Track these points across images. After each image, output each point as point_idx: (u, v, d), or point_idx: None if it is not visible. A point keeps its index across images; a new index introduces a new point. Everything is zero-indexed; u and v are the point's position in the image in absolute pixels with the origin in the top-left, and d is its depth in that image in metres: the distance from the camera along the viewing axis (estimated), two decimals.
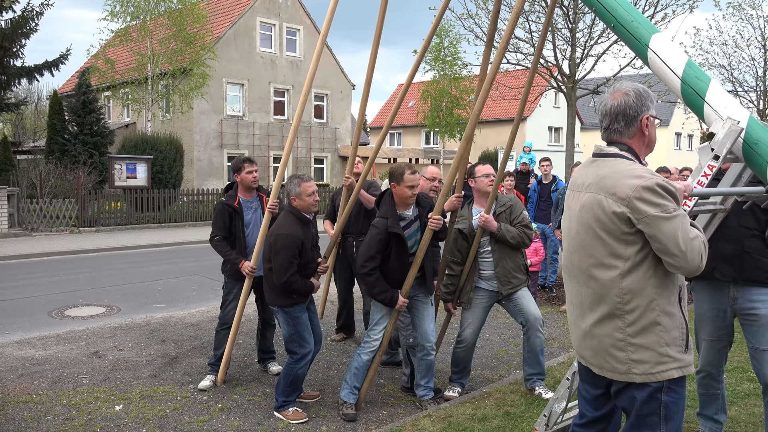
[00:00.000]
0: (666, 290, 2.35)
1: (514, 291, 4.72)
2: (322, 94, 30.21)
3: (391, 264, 4.35)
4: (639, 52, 3.28)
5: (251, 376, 5.29)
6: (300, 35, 29.12)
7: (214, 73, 23.80)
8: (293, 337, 4.36)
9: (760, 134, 2.90)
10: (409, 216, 4.45)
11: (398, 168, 4.36)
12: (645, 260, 2.33)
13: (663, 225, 2.24)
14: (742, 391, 4.67)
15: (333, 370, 5.48)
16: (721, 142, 2.97)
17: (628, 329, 2.36)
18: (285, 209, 4.47)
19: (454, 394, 4.82)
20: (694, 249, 2.24)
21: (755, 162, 2.92)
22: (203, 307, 7.99)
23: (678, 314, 2.38)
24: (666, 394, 2.38)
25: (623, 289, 2.35)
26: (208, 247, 5.79)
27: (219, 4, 29.49)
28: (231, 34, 26.57)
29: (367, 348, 4.51)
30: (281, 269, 4.19)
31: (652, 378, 2.36)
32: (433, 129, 28.36)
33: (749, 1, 19.84)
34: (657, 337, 2.33)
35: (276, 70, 28.32)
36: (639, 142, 2.48)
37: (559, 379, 5.04)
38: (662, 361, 2.34)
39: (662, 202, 2.25)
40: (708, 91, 3.04)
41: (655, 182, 2.26)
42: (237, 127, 27.09)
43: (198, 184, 25.03)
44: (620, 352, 2.38)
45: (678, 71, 3.11)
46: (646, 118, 2.44)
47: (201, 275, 10.50)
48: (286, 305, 4.34)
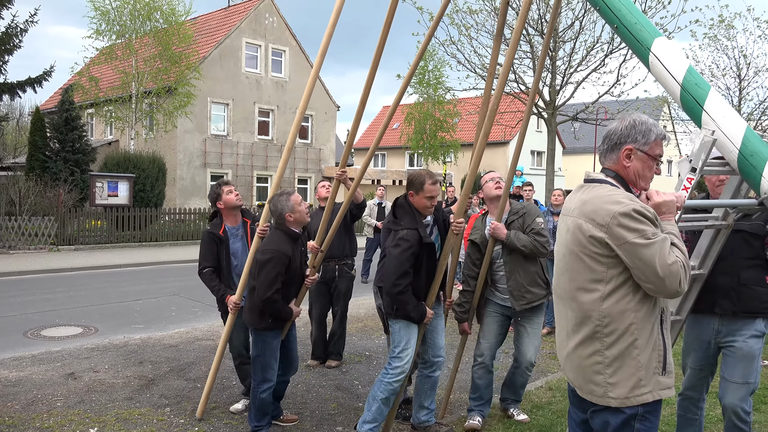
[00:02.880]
0: (646, 314, 2.36)
1: (529, 307, 4.42)
2: (307, 114, 30.33)
3: (421, 277, 4.08)
4: (640, 55, 3.24)
5: (229, 399, 5.24)
6: (285, 56, 29.32)
7: (199, 93, 23.84)
8: (259, 359, 4.28)
9: (756, 146, 2.86)
10: (429, 222, 4.25)
11: (418, 176, 4.09)
12: (624, 284, 2.34)
13: (640, 251, 2.25)
14: (715, 416, 4.73)
15: (312, 393, 5.45)
16: (696, 154, 2.99)
17: (607, 352, 2.37)
18: (272, 227, 4.41)
19: (475, 423, 4.49)
20: (673, 274, 2.23)
21: (750, 174, 2.88)
22: (182, 328, 7.92)
23: (658, 337, 2.39)
24: (640, 422, 2.39)
25: (602, 312, 2.37)
26: (189, 267, 5.75)
27: (205, 24, 29.65)
28: (217, 54, 26.68)
29: (397, 375, 4.08)
30: (265, 284, 4.07)
31: (628, 402, 2.37)
32: (416, 151, 28.54)
33: (724, 33, 20.40)
34: (635, 361, 2.35)
35: (261, 90, 28.44)
36: (624, 171, 2.48)
37: (537, 403, 5.08)
38: (639, 384, 2.35)
39: (640, 227, 2.26)
40: (707, 100, 2.99)
41: (632, 208, 2.28)
42: (221, 146, 27.08)
43: (180, 203, 24.91)
44: (598, 375, 2.40)
45: (678, 77, 3.06)
46: (628, 148, 2.45)
47: (181, 295, 10.41)
48: (259, 327, 4.24)
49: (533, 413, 4.83)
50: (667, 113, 33.48)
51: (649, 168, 2.47)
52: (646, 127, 2.46)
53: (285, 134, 29.42)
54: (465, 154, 30.13)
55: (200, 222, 20.39)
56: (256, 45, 28.27)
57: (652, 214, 2.30)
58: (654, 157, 2.46)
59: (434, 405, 4.44)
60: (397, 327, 4.16)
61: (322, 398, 5.33)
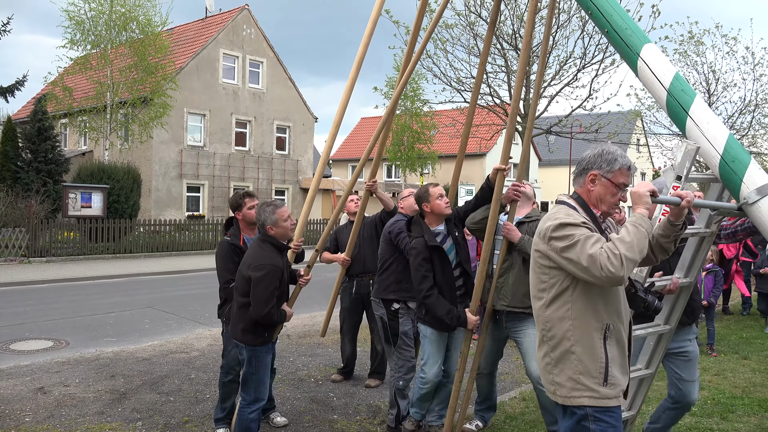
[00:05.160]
0: (584, 323, 2.56)
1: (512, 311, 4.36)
2: (285, 126, 30.32)
3: (437, 283, 4.27)
4: (629, 60, 3.30)
5: (203, 413, 5.19)
6: (263, 68, 29.29)
7: (175, 103, 23.67)
8: (253, 378, 4.12)
9: (738, 153, 2.94)
10: (442, 231, 4.44)
11: (420, 189, 4.48)
12: (564, 293, 2.58)
13: (567, 253, 2.50)
14: (684, 425, 4.82)
15: (286, 406, 5.41)
16: (680, 163, 3.08)
17: (552, 354, 2.63)
18: (258, 239, 4.21)
19: (471, 428, 4.69)
20: (596, 260, 2.39)
21: (730, 180, 2.96)
22: (156, 341, 7.83)
23: (599, 349, 2.55)
24: (594, 423, 2.55)
25: (546, 318, 2.65)
26: (164, 279, 5.70)
27: (182, 35, 29.52)
28: (194, 64, 26.55)
29: (423, 385, 4.47)
30: (262, 301, 3.93)
31: (569, 402, 2.58)
32: (394, 162, 28.69)
33: (694, 49, 20.92)
34: (572, 365, 2.57)
35: (238, 101, 28.35)
36: (587, 194, 2.72)
37: (510, 414, 5.12)
38: (577, 388, 2.56)
39: (567, 233, 2.51)
40: (692, 106, 3.07)
41: (560, 222, 2.55)
42: (197, 157, 26.88)
43: (156, 214, 24.63)
44: (549, 374, 2.66)
45: (665, 83, 3.14)
46: (593, 174, 2.68)
47: (155, 308, 10.30)
48: (255, 343, 4.09)
49: (507, 423, 4.88)
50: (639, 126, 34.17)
51: (612, 194, 2.68)
52: (612, 156, 2.68)
53: (262, 145, 29.33)
54: (443, 166, 30.36)
55: (176, 233, 20.19)
56: (233, 56, 28.21)
57: (576, 221, 2.53)
58: (617, 185, 2.67)
59: (445, 411, 4.60)
60: (426, 338, 4.46)
61: (297, 411, 5.31)
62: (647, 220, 2.52)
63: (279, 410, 5.23)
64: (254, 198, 4.73)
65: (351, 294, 5.94)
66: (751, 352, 7.17)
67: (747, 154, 3.02)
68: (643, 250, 2.47)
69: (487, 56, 4.54)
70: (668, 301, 3.72)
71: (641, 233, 2.46)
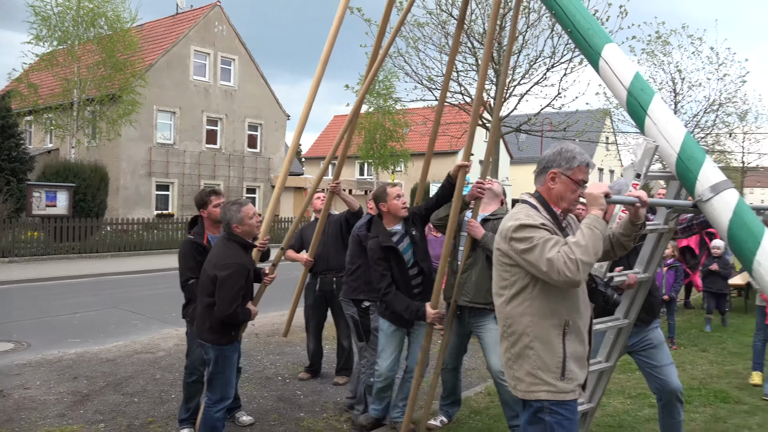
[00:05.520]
0: (543, 321, 2.61)
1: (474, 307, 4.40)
2: (256, 123, 30.09)
3: (395, 281, 4.37)
4: (591, 59, 3.36)
5: (168, 413, 5.14)
6: (235, 65, 29.03)
7: (145, 101, 23.31)
8: (220, 377, 4.09)
9: (693, 151, 3.02)
10: (399, 230, 4.49)
11: (378, 188, 4.53)
12: (523, 290, 2.63)
13: (527, 255, 2.56)
14: (642, 416, 4.94)
15: (252, 405, 5.39)
16: (640, 161, 3.16)
17: (512, 349, 2.70)
18: (223, 238, 4.17)
19: (436, 423, 4.72)
20: (554, 265, 2.47)
21: (686, 177, 3.03)
22: (121, 341, 7.72)
23: (557, 345, 2.61)
24: (549, 415, 2.62)
25: (506, 314, 2.69)
26: (131, 279, 5.61)
27: (152, 31, 29.06)
28: (164, 61, 26.19)
29: (379, 377, 4.54)
30: (228, 301, 3.91)
31: (528, 396, 2.65)
32: (366, 160, 28.67)
33: (661, 49, 21.33)
34: (531, 360, 2.63)
35: (209, 98, 28.05)
36: (548, 192, 2.77)
37: (476, 408, 5.18)
38: (535, 382, 2.62)
39: (527, 236, 2.57)
40: (651, 105, 3.14)
41: (520, 223, 2.60)
42: (167, 155, 26.53)
43: (124, 213, 24.24)
44: (510, 369, 2.73)
45: (625, 82, 3.20)
46: (553, 172, 2.74)
47: (121, 308, 10.14)
48: (221, 342, 4.05)
49: (471, 418, 4.93)
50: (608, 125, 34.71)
51: (572, 191, 2.74)
52: (571, 154, 2.75)
53: (234, 143, 29.07)
54: (415, 164, 30.43)
55: (144, 232, 19.90)
56: (204, 53, 27.89)
57: (536, 223, 2.58)
58: (576, 182, 2.73)
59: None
60: (382, 332, 4.55)
61: (263, 410, 5.29)
62: (601, 222, 2.57)
63: (245, 409, 5.20)
64: (220, 196, 4.69)
65: (315, 291, 5.93)
66: (709, 345, 7.37)
67: (702, 152, 3.09)
68: (598, 251, 2.53)
69: (456, 54, 4.58)
70: (627, 295, 3.81)
71: (596, 235, 2.52)
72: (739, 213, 2.88)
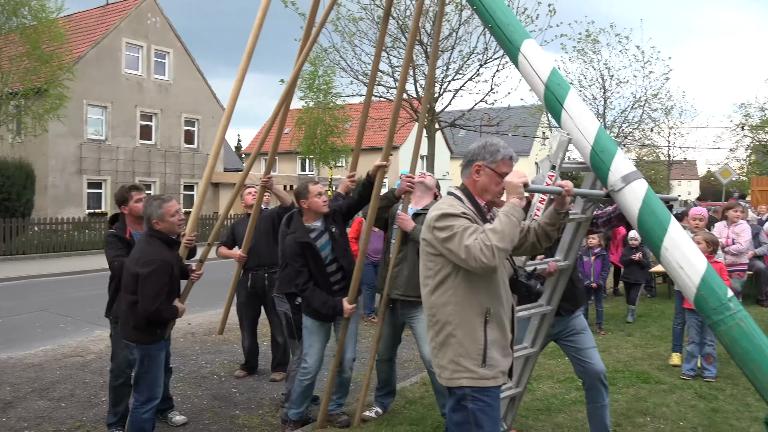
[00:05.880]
0: (465, 309, 2.68)
1: (406, 300, 4.45)
2: (193, 119, 29.39)
3: (313, 277, 4.40)
4: (511, 54, 3.45)
5: (96, 417, 4.99)
6: (169, 58, 28.24)
7: (73, 95, 22.36)
8: (145, 377, 4.01)
9: (606, 144, 3.15)
10: (318, 227, 4.50)
11: (301, 185, 4.52)
12: (446, 280, 2.70)
13: (447, 243, 2.63)
14: (569, 399, 5.14)
15: (186, 404, 5.30)
16: (554, 153, 3.30)
17: (436, 338, 2.76)
18: (146, 234, 4.10)
19: (371, 414, 4.74)
20: (470, 252, 2.54)
21: (599, 168, 3.15)
22: (48, 345, 7.42)
23: (479, 333, 2.69)
24: (472, 402, 2.69)
25: (431, 304, 2.75)
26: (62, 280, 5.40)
27: (81, 22, 27.89)
28: (93, 54, 25.20)
29: (305, 374, 4.52)
30: (150, 298, 3.83)
31: (451, 384, 2.72)
32: (308, 156, 28.49)
33: (591, 47, 22.09)
34: (454, 348, 2.69)
35: (143, 93, 27.19)
36: (473, 185, 2.84)
37: (410, 398, 5.26)
38: (458, 370, 2.69)
39: (448, 224, 2.64)
40: (567, 99, 3.25)
41: (442, 212, 2.68)
42: (99, 151, 25.59)
43: (53, 212, 23.23)
44: (434, 357, 2.79)
45: (543, 76, 3.30)
46: (478, 165, 2.81)
47: (50, 311, 9.75)
48: (147, 341, 3.98)
49: (406, 408, 5.00)
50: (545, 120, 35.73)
51: (496, 183, 2.81)
52: (495, 148, 2.82)
53: (170, 139, 28.31)
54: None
55: (75, 232, 19.15)
56: (137, 46, 27.00)
57: (457, 212, 2.66)
58: (500, 174, 2.79)
59: (343, 401, 4.77)
60: (306, 329, 4.56)
61: (198, 409, 5.22)
62: (519, 210, 2.64)
63: (178, 409, 5.11)
64: (141, 191, 4.60)
65: (246, 288, 5.88)
66: (635, 330, 7.73)
67: (614, 144, 3.25)
68: (514, 238, 2.60)
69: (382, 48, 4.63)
70: (549, 283, 3.97)
71: (512, 222, 2.59)
72: (647, 202, 3.04)
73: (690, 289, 2.92)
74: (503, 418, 4.24)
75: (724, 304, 2.84)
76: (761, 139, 34.88)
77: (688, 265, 2.92)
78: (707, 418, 4.72)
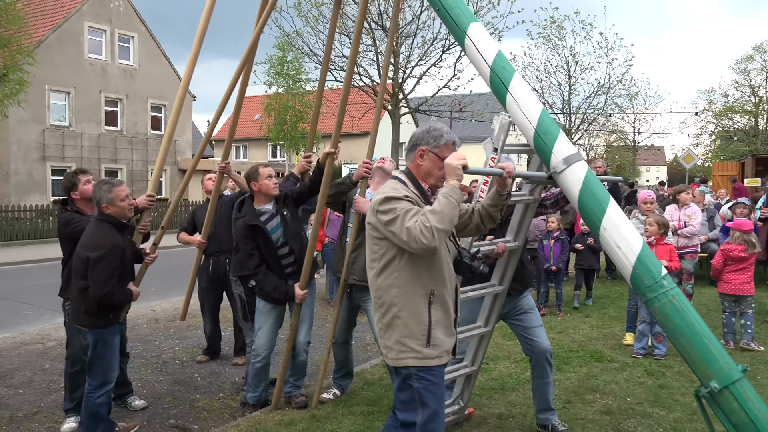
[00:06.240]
0: (410, 291, 2.74)
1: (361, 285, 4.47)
2: (160, 105, 28.89)
3: (265, 260, 4.42)
4: (458, 37, 3.48)
5: (54, 403, 4.97)
6: (134, 43, 27.66)
7: (35, 80, 21.80)
8: (99, 362, 4.01)
9: (549, 126, 3.20)
10: (269, 210, 4.52)
11: (251, 168, 4.55)
12: (391, 263, 2.75)
13: (390, 226, 2.67)
14: (524, 378, 5.27)
15: (147, 389, 5.30)
16: (496, 135, 3.37)
17: (383, 320, 2.80)
18: (95, 218, 4.07)
19: (329, 396, 4.80)
20: (411, 234, 2.58)
21: (542, 151, 3.21)
22: (7, 333, 7.33)
23: (423, 313, 2.75)
24: (417, 381, 2.75)
25: (377, 286, 2.79)
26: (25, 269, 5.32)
27: (41, 5, 27.11)
28: (55, 38, 24.56)
29: (256, 356, 4.56)
30: (101, 283, 3.82)
31: (397, 364, 2.78)
32: (278, 142, 28.27)
33: (556, 33, 22.29)
34: (399, 329, 2.75)
35: (107, 78, 26.63)
36: (417, 169, 2.89)
37: (369, 380, 5.35)
38: (403, 350, 2.75)
39: (390, 207, 2.67)
40: (512, 82, 3.27)
41: (385, 196, 2.71)
42: (62, 138, 25.04)
43: (16, 200, 22.71)
44: (381, 339, 2.85)
45: (489, 60, 3.32)
46: (422, 150, 2.85)
47: (12, 299, 9.60)
48: (100, 326, 3.97)
49: (364, 389, 5.09)
50: None
51: (439, 168, 2.84)
52: (439, 132, 2.87)
53: (136, 125, 27.83)
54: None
55: (38, 220, 18.80)
56: (100, 30, 26.37)
57: (400, 195, 2.70)
58: (443, 159, 2.82)
59: (300, 383, 4.80)
60: (258, 311, 4.58)
61: (158, 393, 5.23)
62: (458, 191, 2.68)
63: (139, 394, 5.12)
64: (87, 173, 4.58)
65: (208, 274, 5.89)
66: (592, 311, 7.92)
67: (557, 127, 3.32)
68: (453, 219, 2.65)
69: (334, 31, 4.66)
70: (501, 263, 4.07)
71: (451, 203, 2.64)
72: (587, 183, 3.12)
73: (627, 268, 3.02)
74: (460, 395, 4.36)
75: (658, 282, 2.95)
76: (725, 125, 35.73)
77: (625, 245, 3.02)
78: (653, 394, 4.90)
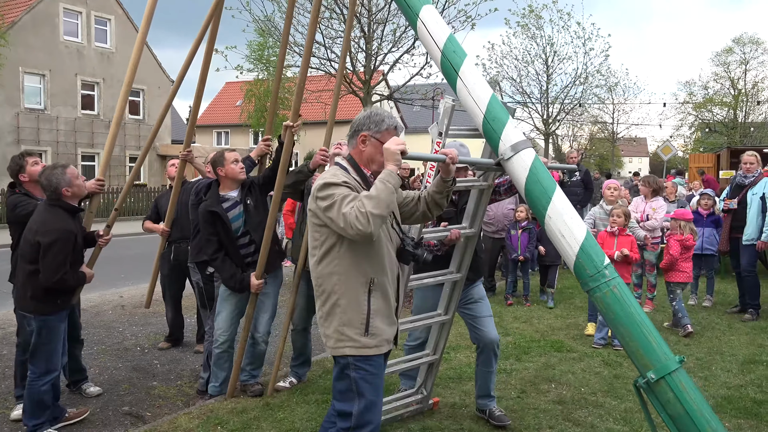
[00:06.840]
0: (350, 278, 2.70)
1: None
2: (138, 89, 28.46)
3: (224, 247, 4.38)
4: (411, 20, 3.42)
5: (8, 389, 4.89)
6: (111, 25, 27.21)
7: (8, 62, 21.42)
8: (43, 348, 3.93)
9: (497, 112, 3.14)
10: (234, 197, 4.46)
11: (216, 154, 4.52)
12: (332, 250, 2.70)
13: (327, 212, 2.63)
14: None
15: (104, 376, 5.26)
16: (441, 120, 3.33)
17: (323, 308, 2.76)
18: (45, 204, 3.99)
19: (285, 385, 4.78)
20: (347, 219, 2.53)
21: (491, 137, 3.15)
22: None
23: (363, 302, 2.71)
24: (354, 371, 2.71)
25: (317, 274, 2.75)
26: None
27: None
28: (29, 19, 24.06)
29: (215, 341, 4.55)
30: (53, 268, 3.76)
31: (336, 352, 2.74)
32: (258, 129, 28.05)
33: (534, 22, 22.28)
34: (338, 318, 2.71)
35: (84, 61, 26.18)
36: (359, 155, 2.85)
37: (328, 368, 5.33)
38: (341, 339, 2.71)
39: (328, 194, 2.63)
40: (462, 67, 3.21)
41: (324, 182, 2.67)
42: (37, 121, 24.62)
43: None
44: (321, 327, 2.78)
45: (440, 43, 3.25)
46: (364, 135, 2.82)
47: None
48: (45, 312, 3.91)
49: (322, 377, 5.06)
50: None
51: (381, 153, 2.77)
52: (380, 117, 2.84)
53: (113, 109, 27.37)
54: (308, 132, 30.15)
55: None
56: (76, 12, 25.87)
57: (338, 181, 2.66)
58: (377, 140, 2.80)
59: (257, 372, 4.76)
60: (219, 296, 4.55)
61: (115, 380, 5.19)
62: (395, 176, 2.64)
63: (96, 381, 5.08)
64: (34, 155, 4.49)
65: (170, 261, 5.82)
66: (559, 302, 7.95)
67: (506, 113, 3.28)
68: (390, 204, 2.60)
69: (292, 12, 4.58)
70: (458, 250, 4.06)
71: (388, 189, 2.59)
72: (533, 171, 3.09)
73: (570, 257, 3.01)
74: (423, 384, 4.36)
75: (600, 272, 2.94)
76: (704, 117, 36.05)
77: (569, 234, 3.01)
78: (608, 384, 4.94)
